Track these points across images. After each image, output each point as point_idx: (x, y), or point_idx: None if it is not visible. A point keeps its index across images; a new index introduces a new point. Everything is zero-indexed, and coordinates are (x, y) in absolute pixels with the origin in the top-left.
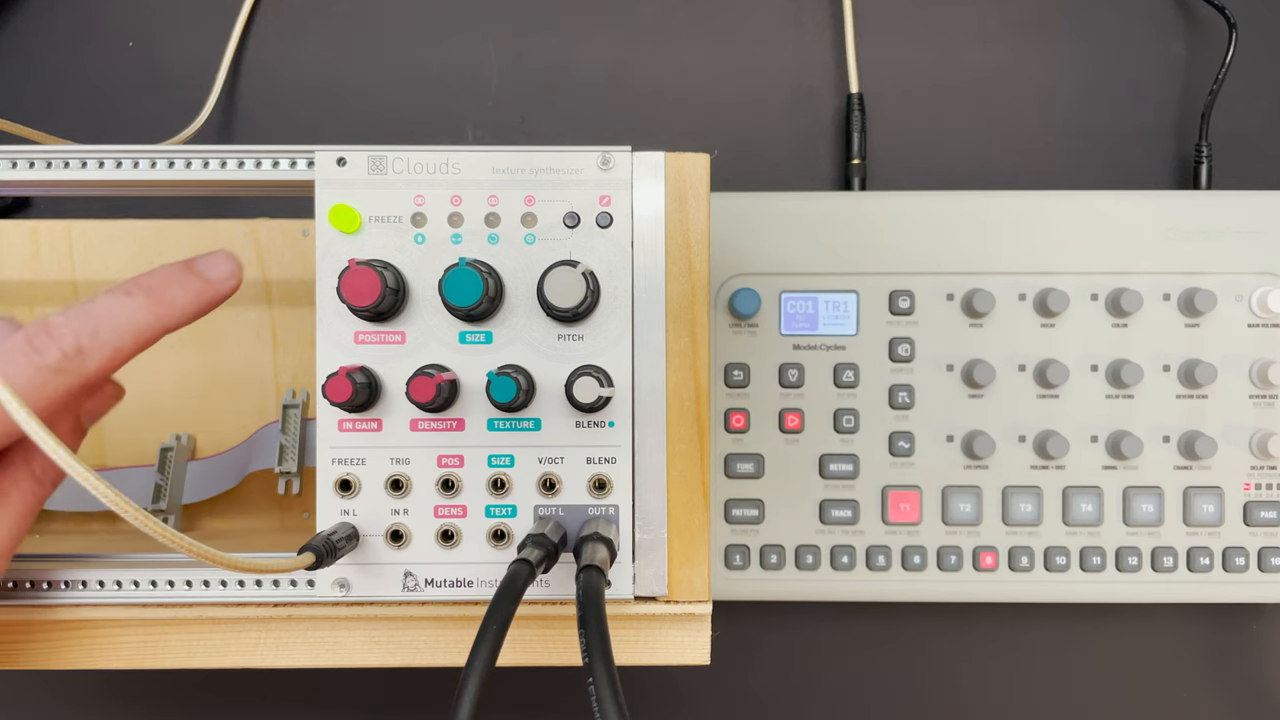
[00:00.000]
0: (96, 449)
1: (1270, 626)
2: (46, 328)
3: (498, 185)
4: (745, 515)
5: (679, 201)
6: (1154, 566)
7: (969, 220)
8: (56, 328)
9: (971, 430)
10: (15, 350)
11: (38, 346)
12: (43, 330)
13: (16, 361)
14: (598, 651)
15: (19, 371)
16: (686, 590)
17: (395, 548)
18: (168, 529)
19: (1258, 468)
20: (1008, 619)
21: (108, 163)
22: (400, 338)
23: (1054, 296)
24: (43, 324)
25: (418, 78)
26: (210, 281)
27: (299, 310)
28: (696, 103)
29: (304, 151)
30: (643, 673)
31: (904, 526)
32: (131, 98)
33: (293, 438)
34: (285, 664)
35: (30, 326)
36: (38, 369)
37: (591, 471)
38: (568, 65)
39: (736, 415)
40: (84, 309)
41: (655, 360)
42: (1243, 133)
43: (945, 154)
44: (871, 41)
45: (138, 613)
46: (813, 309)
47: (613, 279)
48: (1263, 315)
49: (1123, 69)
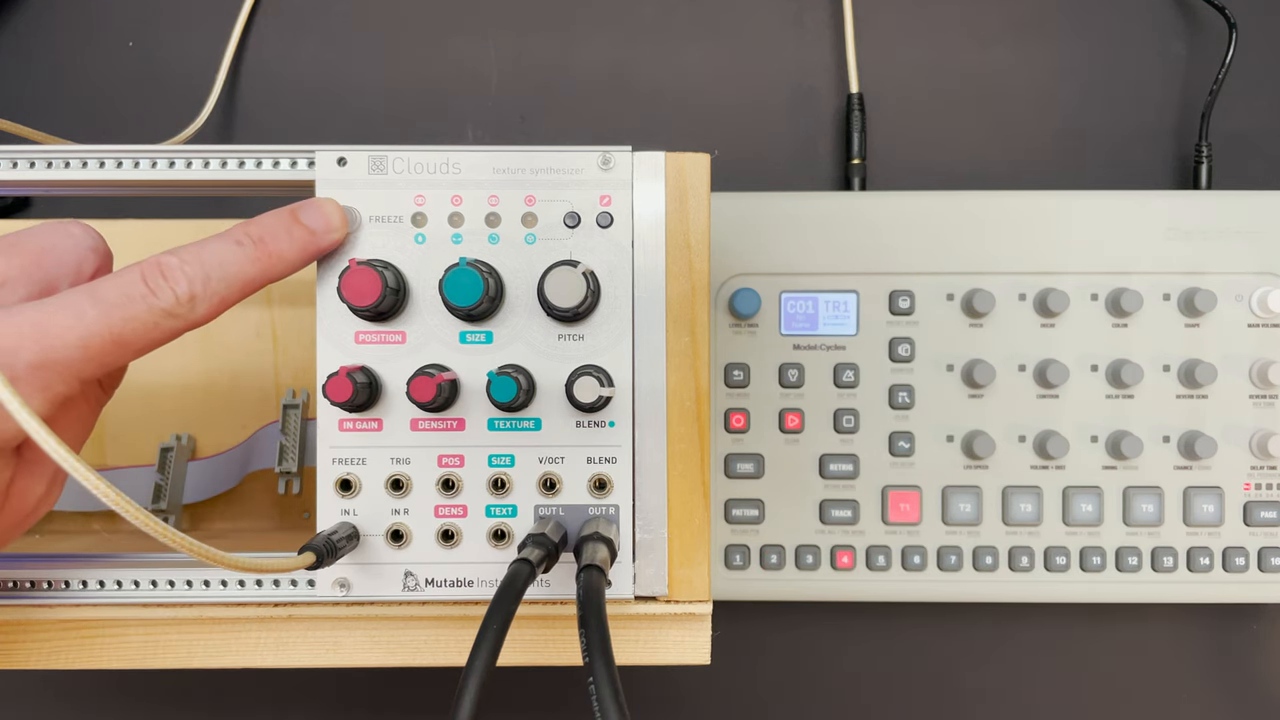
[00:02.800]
0: (97, 449)
1: (1270, 626)
2: (162, 269)
3: (498, 185)
4: (745, 515)
5: (679, 201)
6: (1154, 566)
7: (969, 220)
8: (171, 270)
9: (971, 430)
10: (132, 288)
11: (153, 287)
12: (158, 271)
13: (134, 301)
14: (598, 651)
15: (134, 313)
16: (687, 590)
17: (395, 548)
18: (168, 529)
19: (1258, 468)
20: (1008, 619)
21: (108, 163)
22: (400, 338)
23: (1054, 296)
24: (157, 264)
25: (418, 78)
26: (315, 234)
27: (299, 310)
28: (696, 103)
29: (304, 151)
30: (643, 673)
31: (904, 526)
32: (131, 98)
33: (293, 438)
34: (285, 664)
35: (145, 265)
36: (151, 309)
37: (592, 471)
38: (568, 65)
39: (736, 415)
40: (197, 254)
41: (655, 360)
42: (1243, 133)
43: (945, 154)
44: (871, 41)
45: (138, 612)
46: (813, 309)
47: (613, 279)
48: (1263, 315)
49: (1123, 69)
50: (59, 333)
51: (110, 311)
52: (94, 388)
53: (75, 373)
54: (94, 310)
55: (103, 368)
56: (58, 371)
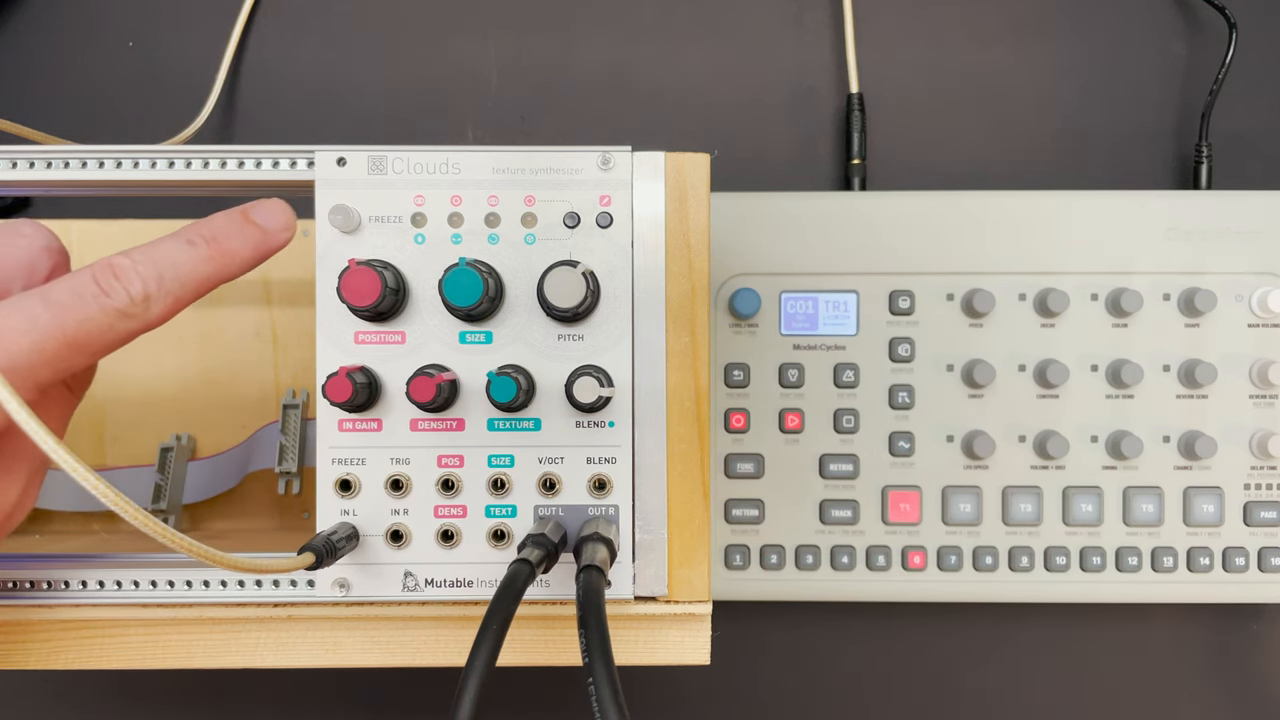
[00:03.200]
0: (96, 449)
1: (1270, 626)
2: (114, 269)
3: (498, 185)
4: (745, 515)
5: (679, 201)
6: (1154, 566)
7: (969, 220)
8: (124, 271)
9: (971, 430)
10: (83, 289)
11: (106, 288)
12: (110, 271)
13: (86, 301)
14: (598, 651)
15: (87, 314)
16: (686, 590)
17: (395, 548)
18: (168, 529)
19: (1258, 468)
20: (1008, 619)
21: (108, 163)
22: (400, 338)
23: (1054, 296)
24: (109, 265)
25: (418, 78)
26: (267, 232)
27: (299, 310)
28: (696, 103)
29: (304, 151)
30: (643, 673)
31: (904, 526)
32: (131, 98)
33: (293, 438)
34: (285, 664)
35: (96, 267)
36: (105, 310)
37: (591, 471)
38: (568, 65)
39: (736, 415)
40: (149, 254)
41: (655, 360)
42: (1243, 133)
43: (945, 154)
44: (871, 41)
45: (138, 613)
46: (813, 309)
47: (613, 279)
48: (1263, 315)
49: (1123, 69)
50: (12, 338)
51: (63, 314)
52: (60, 390)
53: (32, 378)
54: (46, 314)
55: (59, 372)
56: (13, 378)
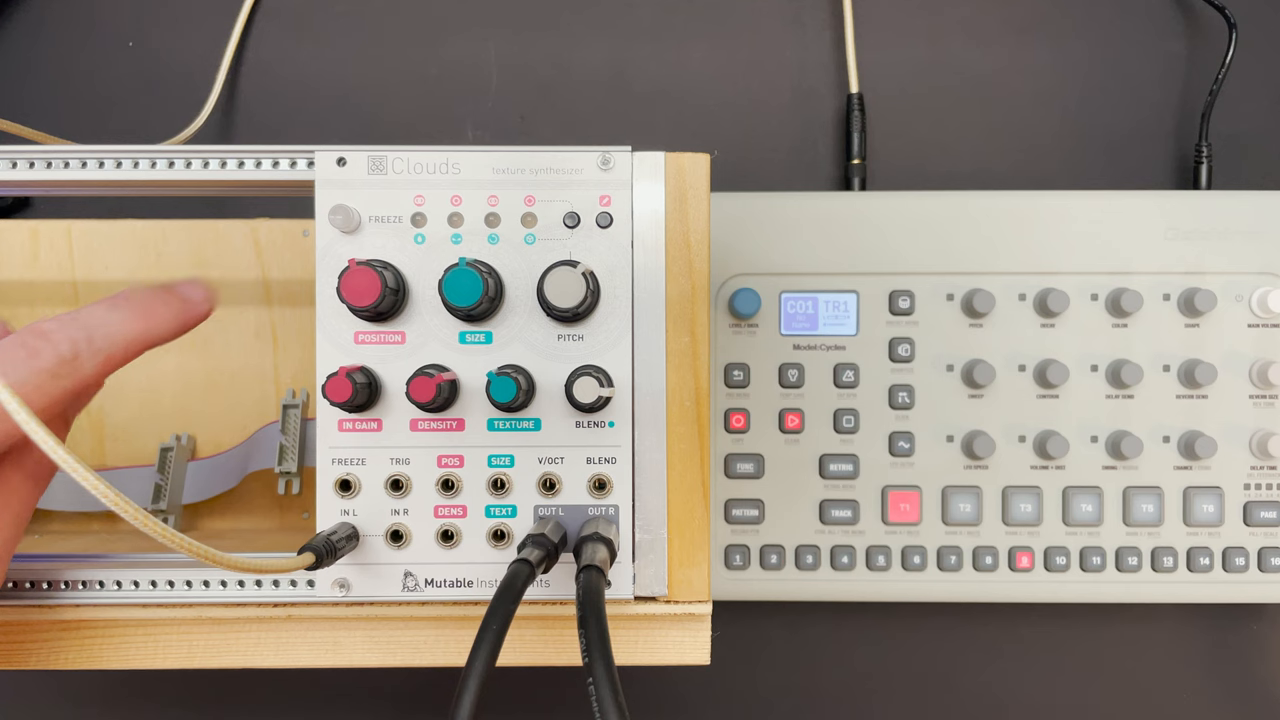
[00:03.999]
0: (96, 449)
1: (1270, 626)
2: (41, 332)
3: (498, 185)
4: (745, 515)
5: (679, 201)
6: (1154, 566)
7: (969, 220)
8: (51, 333)
9: (971, 430)
10: (11, 352)
11: (33, 350)
12: (38, 334)
13: (15, 364)
14: (598, 651)
15: (17, 375)
16: (686, 590)
17: (395, 548)
18: (168, 529)
19: (1258, 468)
20: (1008, 619)
21: (108, 163)
22: (400, 338)
23: (1054, 296)
24: (36, 329)
25: (418, 78)
26: (188, 302)
27: (299, 310)
28: (696, 103)
29: (304, 151)
30: (643, 673)
31: (904, 526)
32: (131, 98)
33: (293, 438)
34: (285, 664)
35: (23, 331)
36: (34, 371)
37: (591, 471)
38: (568, 65)
39: (736, 415)
40: (75, 317)
41: (655, 360)
42: (1242, 133)
43: (945, 154)
44: (871, 41)
45: (138, 613)
46: (813, 309)
47: (613, 279)
48: (1263, 315)
49: (1123, 69)
50: None
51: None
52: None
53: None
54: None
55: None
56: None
